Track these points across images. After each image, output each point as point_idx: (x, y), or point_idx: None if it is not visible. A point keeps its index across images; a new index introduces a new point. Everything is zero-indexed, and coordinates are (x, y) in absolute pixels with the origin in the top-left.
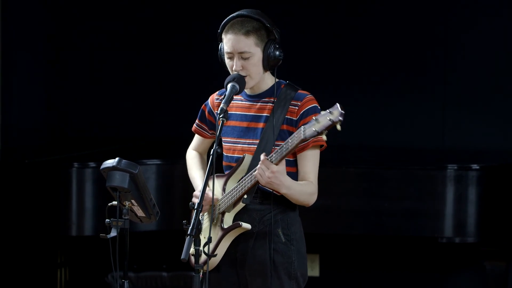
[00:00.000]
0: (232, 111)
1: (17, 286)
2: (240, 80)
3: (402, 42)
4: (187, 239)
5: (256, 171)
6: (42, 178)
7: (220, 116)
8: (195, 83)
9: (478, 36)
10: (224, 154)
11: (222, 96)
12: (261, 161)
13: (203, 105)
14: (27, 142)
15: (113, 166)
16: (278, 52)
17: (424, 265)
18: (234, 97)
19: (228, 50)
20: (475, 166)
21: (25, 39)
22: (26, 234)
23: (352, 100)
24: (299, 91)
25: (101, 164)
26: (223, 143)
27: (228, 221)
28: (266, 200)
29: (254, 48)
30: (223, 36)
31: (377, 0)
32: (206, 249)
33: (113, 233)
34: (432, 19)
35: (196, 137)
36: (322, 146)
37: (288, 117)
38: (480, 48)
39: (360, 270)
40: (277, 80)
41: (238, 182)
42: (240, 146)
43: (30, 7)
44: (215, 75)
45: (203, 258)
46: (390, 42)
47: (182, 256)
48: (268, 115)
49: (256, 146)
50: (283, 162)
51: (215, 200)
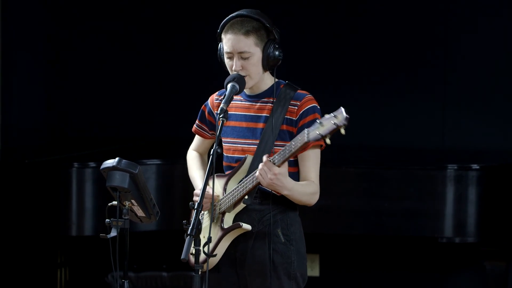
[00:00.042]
0: (231, 112)
1: (17, 286)
2: (240, 80)
3: (402, 42)
4: (187, 239)
5: (257, 172)
6: (42, 178)
7: (220, 116)
8: (195, 83)
9: (478, 36)
10: (224, 154)
11: (222, 97)
12: (263, 162)
13: (203, 105)
14: (27, 142)
15: (113, 166)
16: (277, 52)
17: (424, 265)
18: (234, 97)
19: (228, 50)
20: (475, 166)
21: (25, 39)
22: (26, 234)
23: (352, 100)
24: (298, 91)
25: (101, 164)
26: (223, 144)
27: (228, 221)
28: (266, 200)
29: (253, 48)
30: (222, 36)
31: (377, 0)
32: (205, 249)
33: (113, 233)
34: (432, 19)
35: (197, 137)
36: (322, 145)
37: (288, 117)
38: (480, 48)
39: (360, 270)
40: (276, 80)
41: (240, 183)
42: (240, 147)
43: (30, 7)
44: (215, 75)
45: (203, 257)
46: (390, 42)
47: (182, 256)
48: (268, 115)
49: (256, 147)
50: (286, 164)
51: (215, 199)
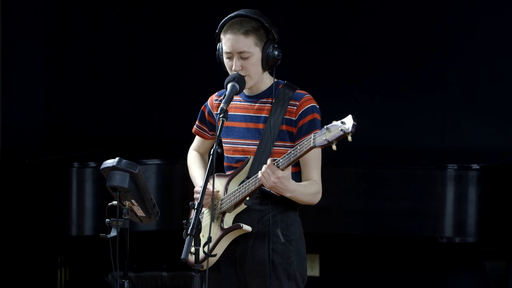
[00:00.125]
0: (231, 112)
1: (17, 286)
2: (240, 80)
3: (402, 42)
4: (187, 239)
5: (260, 174)
6: (42, 178)
7: (220, 116)
8: (195, 83)
9: (478, 36)
10: (225, 154)
11: (222, 97)
12: (267, 165)
13: (203, 106)
14: (27, 142)
15: (113, 166)
16: (277, 52)
17: (424, 265)
18: (233, 98)
19: (227, 50)
20: (475, 166)
21: (25, 39)
22: (27, 234)
23: (352, 100)
24: (297, 91)
25: (101, 164)
26: (223, 144)
27: (228, 221)
28: (265, 200)
29: (253, 48)
30: (221, 36)
31: (377, 0)
32: (205, 248)
33: (113, 233)
34: (432, 19)
35: (197, 138)
36: None
37: (287, 117)
38: (480, 48)
39: (360, 270)
40: (275, 80)
41: (242, 184)
42: (240, 147)
43: (30, 7)
44: (215, 75)
45: (202, 257)
46: (390, 42)
47: (182, 256)
48: (267, 115)
49: (256, 147)
50: (289, 167)
51: (217, 197)
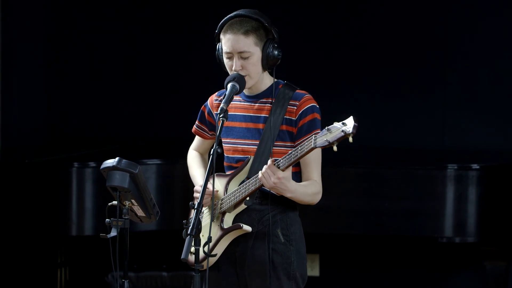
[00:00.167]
0: (231, 112)
1: (17, 286)
2: (240, 80)
3: (402, 42)
4: (187, 238)
5: (260, 174)
6: (42, 178)
7: (220, 116)
8: (195, 83)
9: (478, 36)
10: (225, 154)
11: (222, 97)
12: (267, 165)
13: (203, 106)
14: (27, 142)
15: (113, 166)
16: (277, 52)
17: (424, 265)
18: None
19: (227, 50)
20: (475, 166)
21: (25, 39)
22: (27, 234)
23: (352, 100)
24: (297, 91)
25: (101, 164)
26: (223, 144)
27: (228, 221)
28: (265, 200)
29: (253, 47)
30: (221, 36)
31: (377, 0)
32: (205, 248)
33: (113, 233)
34: (432, 19)
35: (197, 138)
36: None
37: (287, 117)
38: (480, 48)
39: (360, 270)
40: (275, 80)
41: (242, 184)
42: (240, 147)
43: (30, 7)
44: (215, 75)
45: (202, 257)
46: (390, 42)
47: (182, 256)
48: (267, 115)
49: (256, 147)
50: (289, 167)
51: (217, 197)
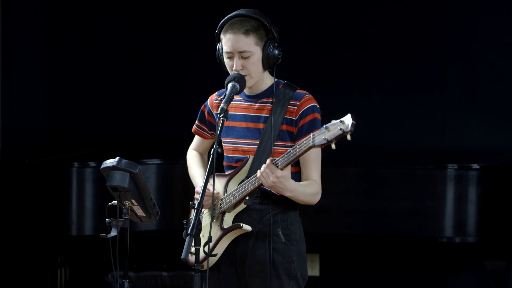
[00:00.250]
0: (231, 112)
1: (17, 286)
2: (240, 80)
3: (402, 42)
4: (187, 238)
5: (259, 173)
6: (42, 178)
7: (221, 116)
8: (195, 83)
9: (478, 36)
10: (225, 154)
11: (222, 97)
12: (266, 165)
13: (203, 106)
14: (27, 142)
15: (113, 166)
16: (277, 51)
17: (424, 265)
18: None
19: (228, 50)
20: (475, 166)
21: (25, 39)
22: (27, 233)
23: (352, 100)
24: (298, 91)
25: (101, 163)
26: (223, 144)
27: (228, 221)
28: (266, 200)
29: (254, 47)
30: (221, 36)
31: (377, 0)
32: (206, 248)
33: (113, 232)
34: (432, 19)
35: (196, 137)
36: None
37: (288, 117)
38: (480, 48)
39: (360, 270)
40: (275, 80)
41: (241, 184)
42: (240, 147)
43: (30, 7)
44: (215, 75)
45: (202, 257)
46: (390, 42)
47: (182, 256)
48: (268, 115)
49: (256, 147)
50: (288, 166)
51: (216, 197)
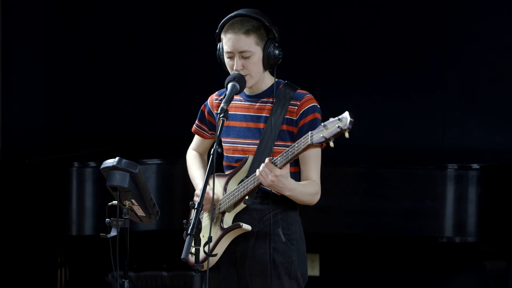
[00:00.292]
0: (231, 112)
1: (17, 286)
2: (241, 80)
3: (402, 42)
4: (187, 238)
5: (258, 173)
6: (42, 178)
7: (221, 116)
8: (195, 83)
9: (478, 36)
10: (225, 154)
11: (222, 96)
12: (265, 164)
13: (203, 105)
14: (27, 142)
15: (113, 166)
16: (277, 51)
17: (424, 265)
18: (234, 97)
19: (228, 50)
20: (475, 166)
21: (25, 39)
22: (27, 233)
23: (352, 100)
24: (298, 91)
25: (101, 163)
26: (223, 144)
27: (228, 221)
28: (266, 199)
29: (254, 47)
30: (222, 36)
31: (377, 0)
32: (206, 248)
33: (113, 232)
34: (432, 19)
35: (196, 137)
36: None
37: (288, 117)
38: (480, 47)
39: (360, 270)
40: (276, 80)
41: (240, 183)
42: (240, 147)
43: (30, 7)
44: (215, 75)
45: (203, 257)
46: (390, 42)
47: (182, 256)
48: (268, 115)
49: (256, 147)
50: (287, 165)
51: (215, 199)
